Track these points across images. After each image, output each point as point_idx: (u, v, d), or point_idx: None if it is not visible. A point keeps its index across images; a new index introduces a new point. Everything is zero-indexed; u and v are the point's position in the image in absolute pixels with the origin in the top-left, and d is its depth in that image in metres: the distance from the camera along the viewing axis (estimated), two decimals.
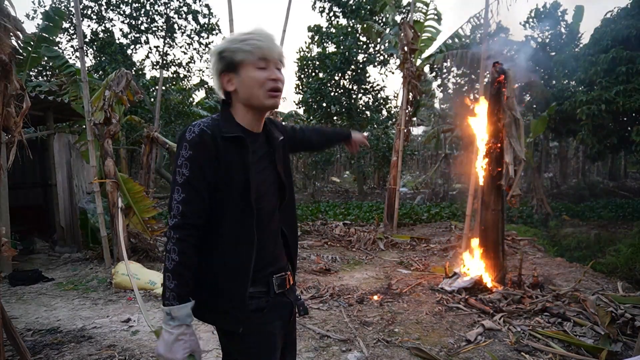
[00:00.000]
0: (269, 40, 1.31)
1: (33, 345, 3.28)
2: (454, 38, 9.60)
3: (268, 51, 1.31)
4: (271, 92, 1.32)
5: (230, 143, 1.28)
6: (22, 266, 5.79)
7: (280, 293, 1.42)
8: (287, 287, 1.46)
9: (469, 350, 3.20)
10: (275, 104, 1.35)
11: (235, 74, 1.32)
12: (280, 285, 1.42)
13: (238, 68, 1.31)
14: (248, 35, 1.31)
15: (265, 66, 1.31)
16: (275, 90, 1.32)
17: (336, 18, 16.91)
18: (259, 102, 1.33)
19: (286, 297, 1.46)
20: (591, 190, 16.44)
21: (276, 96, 1.34)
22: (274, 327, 1.41)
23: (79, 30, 5.64)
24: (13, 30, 2.10)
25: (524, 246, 7.13)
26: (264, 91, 1.31)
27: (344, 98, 16.45)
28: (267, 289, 1.39)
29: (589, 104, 9.89)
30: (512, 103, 4.44)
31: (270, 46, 1.31)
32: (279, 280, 1.42)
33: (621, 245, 7.81)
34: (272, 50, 1.31)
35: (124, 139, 12.58)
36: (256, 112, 1.37)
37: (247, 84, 1.31)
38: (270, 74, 1.31)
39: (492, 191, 4.59)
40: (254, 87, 1.30)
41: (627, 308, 3.71)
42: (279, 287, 1.41)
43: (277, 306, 1.42)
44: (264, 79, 1.30)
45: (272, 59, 1.32)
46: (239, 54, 1.30)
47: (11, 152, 2.23)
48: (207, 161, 1.25)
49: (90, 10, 15.50)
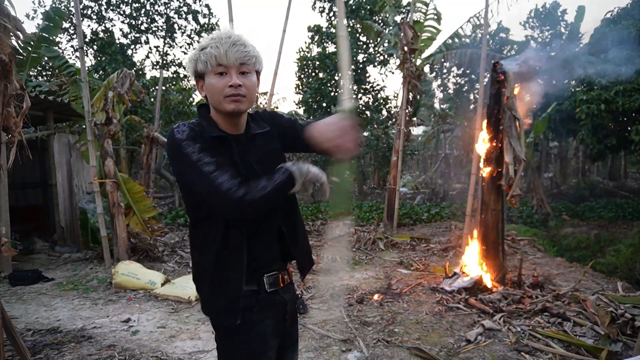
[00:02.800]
0: (226, 46, 1.30)
1: (33, 345, 3.28)
2: (454, 38, 9.60)
3: (224, 58, 1.30)
4: (231, 98, 1.32)
5: (216, 143, 1.33)
6: (22, 266, 5.79)
7: (273, 292, 1.43)
8: (281, 286, 1.46)
9: (469, 350, 3.20)
10: (236, 108, 1.34)
11: (203, 81, 1.36)
12: (272, 284, 1.42)
13: (204, 76, 1.34)
14: (207, 42, 1.33)
15: (224, 71, 1.32)
16: (235, 96, 1.32)
17: (336, 18, 16.91)
18: (222, 108, 1.35)
19: (280, 295, 1.46)
20: (591, 190, 16.44)
21: (237, 101, 1.33)
22: (264, 327, 1.41)
23: (79, 30, 5.64)
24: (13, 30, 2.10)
25: (524, 246, 7.13)
26: (223, 98, 1.33)
27: None
28: (258, 287, 1.40)
29: (588, 104, 9.89)
30: (512, 103, 4.44)
31: (227, 52, 1.30)
32: (271, 279, 1.42)
33: (621, 245, 7.81)
34: (229, 56, 1.30)
35: (124, 139, 12.57)
36: (227, 116, 1.38)
37: (209, 91, 1.35)
38: (228, 81, 1.31)
39: (492, 191, 4.59)
40: (215, 94, 1.33)
41: (627, 308, 3.71)
42: (271, 286, 1.42)
43: (269, 305, 1.42)
44: (221, 86, 1.32)
45: (231, 64, 1.31)
46: (199, 64, 1.33)
47: (11, 152, 2.23)
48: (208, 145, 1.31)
49: (90, 10, 15.49)
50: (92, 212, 6.76)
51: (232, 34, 1.33)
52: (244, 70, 1.33)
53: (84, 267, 5.87)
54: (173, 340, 3.43)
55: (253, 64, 1.35)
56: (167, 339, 3.45)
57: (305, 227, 1.63)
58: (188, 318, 3.93)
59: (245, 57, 1.32)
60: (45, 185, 7.94)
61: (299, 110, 19.21)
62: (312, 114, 16.97)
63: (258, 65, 1.39)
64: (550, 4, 16.55)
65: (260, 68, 1.41)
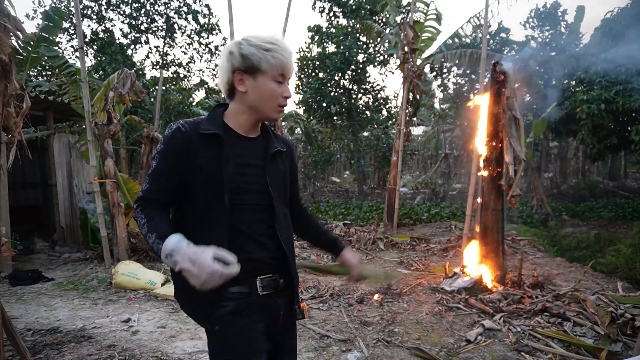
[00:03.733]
0: (290, 58, 1.35)
1: (33, 345, 3.28)
2: (454, 38, 9.60)
3: (288, 69, 1.35)
4: (280, 107, 1.38)
5: (206, 139, 1.32)
6: (22, 266, 5.79)
7: (266, 295, 1.38)
8: (276, 290, 1.41)
9: (469, 350, 3.20)
10: (278, 117, 1.44)
11: (251, 78, 1.33)
12: (266, 287, 1.38)
13: (257, 74, 1.33)
14: (273, 46, 1.32)
15: (282, 81, 1.36)
16: (283, 107, 1.39)
17: (336, 18, 16.91)
18: (266, 113, 1.38)
19: (274, 300, 1.41)
20: (591, 190, 16.44)
21: (282, 111, 1.41)
22: (253, 330, 1.36)
23: (79, 30, 5.64)
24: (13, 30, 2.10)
25: (524, 246, 7.13)
26: (274, 105, 1.36)
27: (344, 98, 16.45)
28: (250, 290, 1.36)
29: (588, 104, 9.89)
30: (512, 103, 4.44)
31: (290, 64, 1.36)
32: (265, 282, 1.38)
33: (621, 245, 7.81)
34: (290, 69, 1.36)
35: (124, 139, 12.57)
36: (255, 119, 1.40)
37: (261, 92, 1.34)
38: (284, 91, 1.36)
39: (492, 191, 4.59)
40: (267, 98, 1.35)
41: (627, 308, 3.71)
42: (264, 289, 1.38)
43: (260, 308, 1.38)
44: (278, 94, 1.35)
45: (289, 76, 1.37)
46: (263, 63, 1.32)
47: (11, 152, 2.23)
48: (177, 154, 1.31)
49: (90, 10, 15.49)
50: (92, 212, 6.77)
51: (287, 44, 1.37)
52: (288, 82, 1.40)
53: (84, 267, 5.87)
54: (173, 340, 3.43)
55: None
56: (167, 339, 3.45)
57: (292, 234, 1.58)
58: (188, 318, 3.92)
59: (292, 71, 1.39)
60: (45, 185, 7.95)
61: (299, 110, 19.23)
62: (312, 114, 16.97)
63: None
64: (551, 4, 16.55)
65: None
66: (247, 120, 1.39)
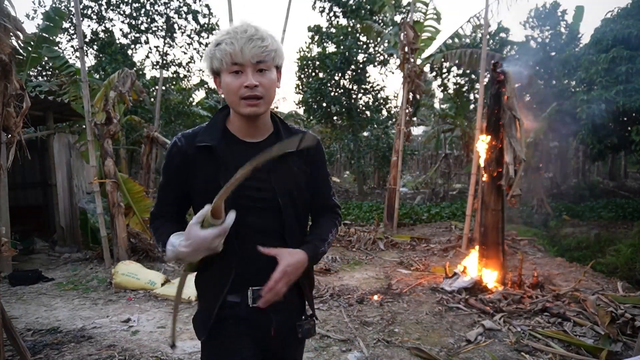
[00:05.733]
0: (242, 42, 1.18)
1: (33, 345, 3.28)
2: (454, 38, 9.60)
3: (239, 55, 1.19)
4: (246, 101, 1.22)
5: (202, 152, 1.26)
6: (22, 266, 5.79)
7: (257, 309, 1.26)
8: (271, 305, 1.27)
9: (469, 350, 3.20)
10: (252, 112, 1.24)
11: (219, 78, 1.27)
12: (257, 299, 1.25)
13: (220, 73, 1.25)
14: (222, 37, 1.22)
15: (240, 70, 1.21)
16: (251, 98, 1.22)
17: (336, 18, 16.90)
18: (238, 111, 1.26)
19: (266, 314, 1.28)
20: (591, 190, 16.43)
21: (253, 105, 1.23)
22: (238, 343, 1.28)
23: (79, 30, 5.64)
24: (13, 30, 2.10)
25: (524, 246, 7.13)
26: (235, 99, 1.23)
27: (344, 98, 16.44)
28: (240, 300, 1.28)
29: (589, 104, 9.89)
30: (512, 103, 4.44)
31: (242, 48, 1.18)
32: (257, 294, 1.25)
33: (621, 245, 7.80)
34: (245, 54, 1.19)
35: (124, 139, 12.57)
36: (244, 119, 1.29)
37: (225, 91, 1.25)
38: (243, 81, 1.20)
39: (492, 191, 4.59)
40: (230, 95, 1.24)
41: (627, 308, 3.70)
42: (255, 301, 1.26)
43: (247, 322, 1.29)
44: (236, 87, 1.21)
45: (247, 62, 1.20)
46: (214, 61, 1.24)
47: (11, 152, 2.23)
48: (175, 170, 1.31)
49: (90, 10, 15.48)
50: (92, 212, 6.77)
51: (249, 28, 1.21)
52: (262, 68, 1.21)
53: (84, 267, 5.87)
54: None
55: (272, 59, 1.23)
56: (167, 339, 3.45)
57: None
58: (188, 318, 3.93)
59: (263, 52, 1.20)
60: (45, 185, 7.94)
61: (299, 110, 19.23)
62: (312, 114, 16.96)
63: (278, 59, 1.26)
64: (550, 4, 16.55)
65: (280, 62, 1.28)
66: (241, 123, 1.30)
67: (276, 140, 1.26)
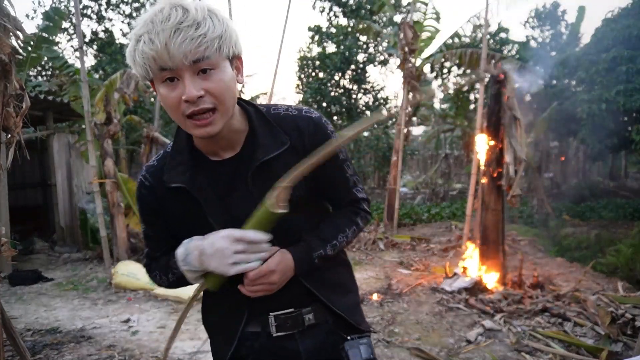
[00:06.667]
0: (165, 35, 0.80)
1: (33, 345, 3.27)
2: (454, 38, 9.60)
3: (165, 56, 0.81)
4: (192, 120, 0.88)
5: (174, 191, 0.98)
6: (21, 266, 5.79)
7: (284, 336, 1.05)
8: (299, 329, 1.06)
9: (469, 350, 3.20)
10: (205, 134, 0.90)
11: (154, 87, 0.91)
12: (281, 326, 1.04)
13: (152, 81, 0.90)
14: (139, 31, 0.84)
15: (173, 76, 0.85)
16: (197, 116, 0.87)
17: (336, 18, 16.91)
18: (188, 131, 0.94)
19: (294, 342, 1.05)
20: (591, 190, 16.43)
21: (203, 125, 0.88)
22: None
23: (79, 30, 5.64)
24: (13, 30, 2.09)
25: (524, 246, 7.13)
26: (182, 118, 0.88)
27: (344, 98, 16.44)
28: (261, 329, 1.06)
29: (589, 103, 9.89)
30: (512, 103, 4.44)
31: (167, 45, 0.80)
32: (281, 320, 1.04)
33: (622, 246, 7.79)
34: (173, 53, 0.81)
35: (123, 139, 12.57)
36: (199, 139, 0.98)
37: (164, 107, 0.91)
38: (180, 93, 0.85)
39: (492, 191, 4.59)
40: (171, 112, 0.90)
41: (628, 308, 3.70)
42: (279, 329, 1.04)
43: (270, 354, 1.06)
44: (174, 102, 0.86)
45: (179, 64, 0.82)
46: (137, 68, 0.87)
47: (10, 152, 2.23)
48: (151, 213, 1.06)
49: (90, 10, 15.48)
50: (92, 212, 6.76)
51: (172, 11, 0.81)
52: (205, 67, 0.85)
53: (84, 267, 5.87)
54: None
55: (218, 51, 0.85)
56: (167, 339, 3.45)
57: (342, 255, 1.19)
58: (188, 318, 3.93)
59: (200, 46, 0.82)
60: (45, 185, 7.94)
61: None
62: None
63: (227, 48, 0.87)
64: (551, 4, 16.57)
65: (232, 51, 0.89)
66: (202, 140, 0.99)
67: (252, 149, 0.98)
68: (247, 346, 1.06)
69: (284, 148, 0.98)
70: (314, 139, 1.00)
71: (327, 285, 1.08)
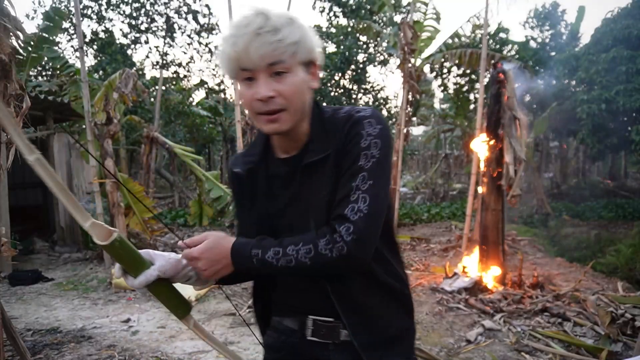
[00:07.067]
0: (246, 39, 0.89)
1: (33, 345, 3.27)
2: (453, 38, 9.60)
3: (245, 58, 0.90)
4: (263, 117, 0.95)
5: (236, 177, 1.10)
6: (22, 266, 5.79)
7: (317, 343, 1.04)
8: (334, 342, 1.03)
9: (469, 350, 3.20)
10: (272, 131, 0.97)
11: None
12: (316, 332, 1.04)
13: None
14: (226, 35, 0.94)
15: (251, 76, 0.93)
16: (267, 114, 0.94)
17: (336, 18, 16.92)
18: (260, 128, 0.99)
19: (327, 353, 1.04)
20: (591, 190, 16.43)
21: (272, 121, 0.94)
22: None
23: (79, 30, 5.64)
24: (13, 30, 2.10)
25: (524, 246, 7.14)
26: (255, 115, 0.96)
27: (344, 98, 16.46)
28: (298, 327, 1.07)
29: (589, 103, 9.89)
30: (512, 103, 4.44)
31: (247, 49, 0.89)
32: (316, 326, 1.04)
33: (621, 246, 7.80)
34: (252, 55, 0.89)
35: (124, 139, 12.58)
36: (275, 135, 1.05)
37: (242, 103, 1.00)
38: (254, 92, 0.93)
39: (492, 191, 4.59)
40: (247, 109, 0.99)
41: (628, 308, 3.70)
42: (314, 334, 1.04)
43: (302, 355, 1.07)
44: (249, 99, 0.94)
45: (256, 66, 0.91)
46: (222, 67, 0.97)
47: (11, 152, 2.23)
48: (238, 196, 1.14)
49: (90, 10, 15.50)
50: (92, 212, 6.76)
51: (255, 18, 0.90)
52: (279, 70, 0.91)
53: (84, 267, 5.88)
54: (173, 341, 3.43)
55: (293, 56, 0.92)
56: (167, 339, 3.45)
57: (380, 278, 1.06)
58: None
59: (276, 50, 0.89)
60: (45, 185, 7.94)
61: None
62: None
63: (303, 54, 0.94)
64: (550, 4, 16.56)
65: (308, 57, 0.95)
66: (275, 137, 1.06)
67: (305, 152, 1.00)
68: (282, 340, 1.09)
69: (326, 154, 0.98)
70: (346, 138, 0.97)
71: (359, 310, 1.02)
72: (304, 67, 0.96)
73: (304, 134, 1.02)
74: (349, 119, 0.98)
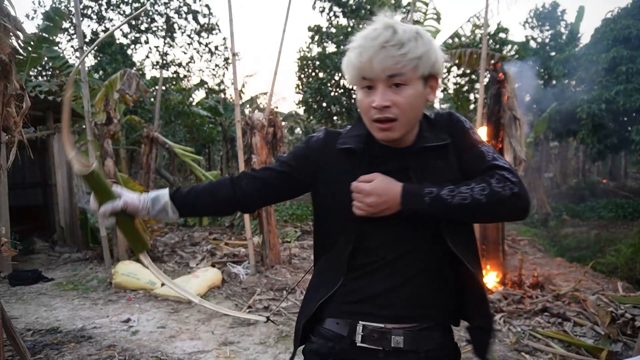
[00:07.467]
0: (371, 51, 0.96)
1: (33, 345, 3.27)
2: (453, 38, 9.60)
3: (367, 68, 0.98)
4: (377, 124, 1.01)
5: (344, 154, 1.08)
6: (22, 266, 5.79)
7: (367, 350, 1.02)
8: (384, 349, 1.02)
9: (469, 350, 3.20)
10: (384, 138, 1.02)
11: None
12: (366, 338, 1.02)
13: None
14: (353, 44, 1.02)
15: (370, 85, 1.00)
16: (381, 122, 0.99)
17: (336, 18, 16.91)
18: (371, 132, 1.05)
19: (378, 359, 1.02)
20: (591, 190, 16.43)
21: (385, 129, 1.00)
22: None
23: (79, 30, 5.63)
24: (13, 30, 2.10)
25: (524, 246, 7.14)
26: (369, 121, 1.03)
27: (344, 98, 16.44)
28: (347, 334, 1.04)
29: (589, 103, 9.90)
30: (512, 103, 4.44)
31: (371, 60, 0.96)
32: (367, 331, 1.02)
33: (621, 245, 7.80)
34: (374, 66, 0.96)
35: (124, 139, 12.57)
36: None
37: (359, 107, 1.06)
38: (371, 100, 0.99)
39: None
40: (362, 114, 1.05)
41: (627, 308, 3.70)
42: (365, 340, 1.02)
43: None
44: (366, 106, 1.01)
45: (377, 76, 0.97)
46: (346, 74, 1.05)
47: (11, 152, 2.23)
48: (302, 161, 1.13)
49: (90, 10, 15.49)
50: (92, 212, 6.76)
51: (383, 32, 0.97)
52: (398, 82, 0.97)
53: (84, 267, 5.87)
54: (173, 341, 3.43)
55: (413, 70, 0.97)
56: (167, 339, 3.45)
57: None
58: (188, 318, 3.93)
59: (398, 63, 0.95)
60: (45, 185, 7.94)
61: (299, 110, 19.22)
62: (312, 114, 16.96)
63: (424, 68, 0.98)
64: (550, 4, 16.57)
65: (429, 71, 1.00)
66: None
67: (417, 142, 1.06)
68: (329, 347, 1.05)
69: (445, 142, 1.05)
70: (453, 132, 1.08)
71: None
72: (423, 80, 1.01)
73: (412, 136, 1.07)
74: (450, 116, 1.11)
